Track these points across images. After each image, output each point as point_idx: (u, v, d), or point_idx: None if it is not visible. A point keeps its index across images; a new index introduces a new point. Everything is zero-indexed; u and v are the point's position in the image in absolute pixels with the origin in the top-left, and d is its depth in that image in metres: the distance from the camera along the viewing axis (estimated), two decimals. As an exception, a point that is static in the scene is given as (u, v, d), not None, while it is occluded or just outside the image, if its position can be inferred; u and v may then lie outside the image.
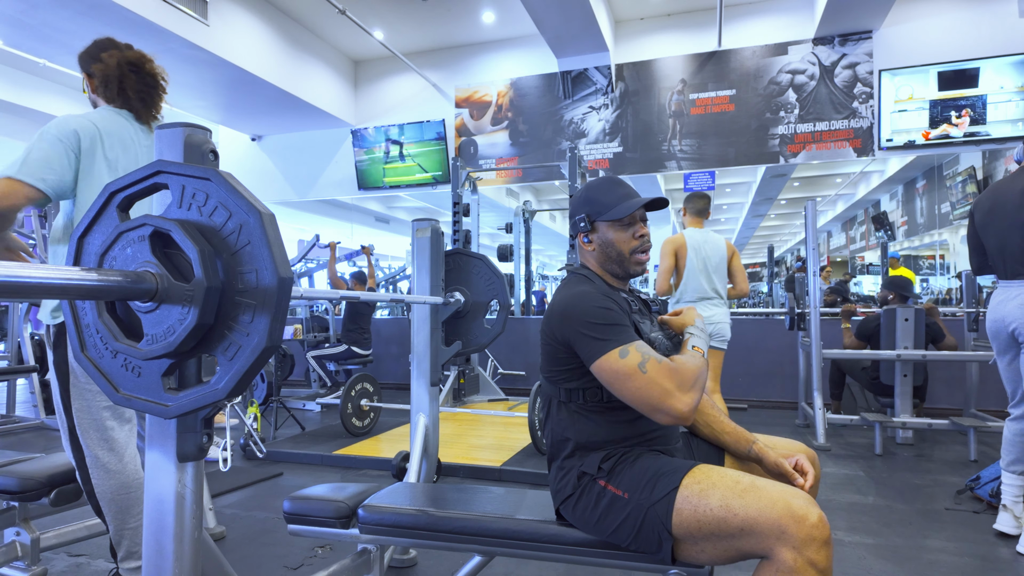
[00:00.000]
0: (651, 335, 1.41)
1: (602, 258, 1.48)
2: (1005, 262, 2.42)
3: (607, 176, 1.52)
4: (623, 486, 1.30)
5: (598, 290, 1.39)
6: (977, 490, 2.88)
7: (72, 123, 1.64)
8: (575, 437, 1.38)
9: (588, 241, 1.48)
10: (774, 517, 1.13)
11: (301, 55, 6.44)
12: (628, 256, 1.46)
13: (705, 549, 1.22)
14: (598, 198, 1.46)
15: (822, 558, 1.11)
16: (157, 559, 0.95)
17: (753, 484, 1.19)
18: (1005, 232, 2.40)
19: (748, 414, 5.15)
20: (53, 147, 1.59)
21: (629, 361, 1.26)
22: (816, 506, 1.15)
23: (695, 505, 1.20)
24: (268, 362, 1.03)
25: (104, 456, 1.63)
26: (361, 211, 10.31)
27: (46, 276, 0.73)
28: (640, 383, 1.24)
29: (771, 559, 1.14)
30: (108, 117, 1.73)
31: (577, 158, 5.14)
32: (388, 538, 1.56)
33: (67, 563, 2.23)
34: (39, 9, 4.41)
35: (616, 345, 1.27)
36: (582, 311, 1.32)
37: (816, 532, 1.11)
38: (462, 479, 3.29)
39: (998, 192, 2.48)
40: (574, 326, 1.32)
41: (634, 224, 1.46)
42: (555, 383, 1.41)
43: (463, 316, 2.50)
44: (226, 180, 0.86)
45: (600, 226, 1.46)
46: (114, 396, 0.91)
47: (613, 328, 1.29)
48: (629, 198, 1.45)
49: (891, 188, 9.10)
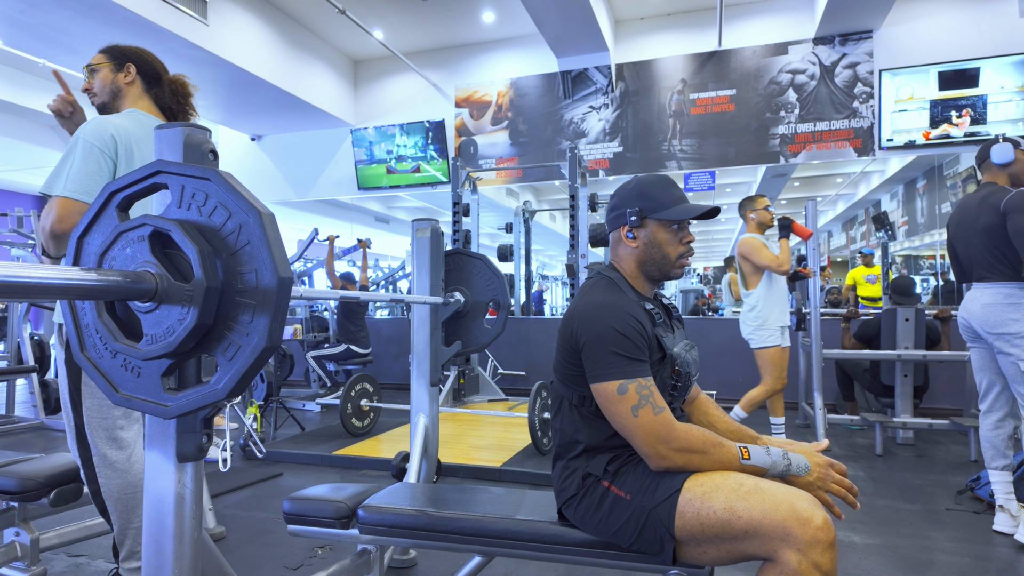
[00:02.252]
0: (673, 350, 1.38)
1: (644, 257, 1.42)
2: (972, 267, 2.57)
3: (662, 175, 1.46)
4: (626, 488, 1.30)
5: (626, 304, 1.34)
6: (977, 490, 2.88)
7: (109, 128, 1.60)
8: (586, 440, 1.36)
9: (632, 237, 1.42)
10: (778, 519, 1.12)
11: (301, 55, 6.44)
12: (673, 260, 1.42)
13: (708, 551, 1.22)
14: (654, 195, 1.40)
15: (826, 560, 1.10)
16: (157, 559, 0.95)
17: (757, 486, 1.18)
18: (968, 239, 2.56)
19: (748, 415, 5.13)
20: (94, 157, 1.56)
21: (625, 400, 1.25)
22: (821, 508, 1.15)
23: (698, 508, 1.20)
24: (268, 362, 1.03)
25: (112, 454, 1.63)
26: (361, 211, 10.31)
27: (45, 276, 0.73)
28: (626, 423, 1.25)
29: (775, 561, 1.13)
30: (140, 121, 1.71)
31: (577, 158, 5.14)
32: (388, 538, 1.56)
33: (67, 563, 2.22)
34: (39, 9, 4.41)
35: (619, 378, 1.26)
36: (601, 329, 1.29)
37: (821, 535, 1.10)
38: (462, 479, 3.29)
39: (963, 204, 2.66)
40: (589, 339, 1.30)
41: (684, 229, 1.42)
42: (568, 385, 1.38)
43: (463, 316, 2.49)
44: (226, 180, 0.85)
45: (651, 224, 1.41)
46: (113, 396, 0.91)
47: (622, 360, 1.26)
48: (684, 201, 1.42)
49: (891, 188, 9.09)
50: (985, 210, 2.48)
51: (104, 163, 1.57)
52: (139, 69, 1.78)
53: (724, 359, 5.65)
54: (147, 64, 1.80)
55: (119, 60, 1.78)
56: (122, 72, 1.77)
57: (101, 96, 1.79)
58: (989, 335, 2.48)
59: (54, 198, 1.54)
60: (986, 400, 2.62)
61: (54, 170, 1.57)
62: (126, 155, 1.62)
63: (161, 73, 1.82)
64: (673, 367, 1.37)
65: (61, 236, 1.56)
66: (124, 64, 1.78)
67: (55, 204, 1.53)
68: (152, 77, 1.80)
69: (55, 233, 1.55)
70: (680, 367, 1.38)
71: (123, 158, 1.61)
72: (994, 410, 2.59)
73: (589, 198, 5.54)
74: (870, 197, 9.85)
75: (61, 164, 1.57)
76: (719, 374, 5.64)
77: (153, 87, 1.80)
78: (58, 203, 1.53)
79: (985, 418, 2.61)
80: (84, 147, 1.56)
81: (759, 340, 3.44)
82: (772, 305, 3.42)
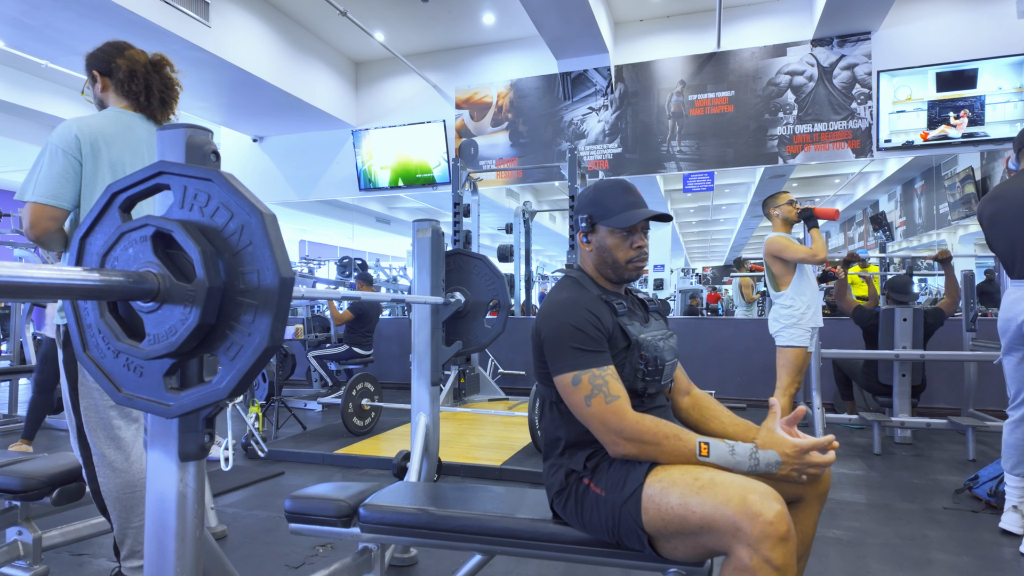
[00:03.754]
0: (640, 336, 1.40)
1: (597, 260, 1.48)
2: (1016, 261, 2.42)
3: (618, 180, 1.50)
4: (601, 484, 1.32)
5: (584, 299, 1.39)
6: (975, 489, 2.88)
7: (73, 128, 1.61)
8: (565, 436, 1.40)
9: (587, 242, 1.49)
10: (728, 514, 1.11)
11: (302, 56, 6.45)
12: (623, 264, 1.45)
13: (677, 546, 1.23)
14: (604, 201, 1.45)
15: (778, 555, 1.07)
16: (159, 558, 0.96)
17: (711, 480, 1.17)
18: (1014, 232, 2.40)
19: (747, 414, 5.15)
20: (59, 160, 1.57)
21: (578, 390, 1.29)
22: (776, 501, 1.11)
23: (658, 503, 1.21)
24: (270, 362, 1.04)
25: (111, 454, 1.64)
26: (362, 212, 10.32)
27: (48, 276, 0.74)
28: (582, 412, 1.29)
29: (729, 557, 1.13)
30: (115, 118, 1.70)
31: (577, 159, 5.15)
32: (389, 537, 1.57)
33: (69, 562, 2.23)
34: (41, 10, 4.42)
35: (572, 369, 1.30)
36: (557, 324, 1.35)
37: (771, 529, 1.07)
38: (462, 478, 3.30)
39: (1002, 195, 2.49)
40: (547, 335, 1.36)
41: (634, 234, 1.45)
42: (545, 384, 1.42)
43: (463, 316, 2.50)
44: (228, 181, 0.86)
45: (601, 229, 1.46)
46: (116, 396, 0.92)
47: (576, 352, 1.31)
48: (636, 207, 1.44)
49: (889, 189, 9.11)
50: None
51: (69, 164, 1.58)
52: (102, 72, 1.76)
53: (723, 359, 5.66)
54: (101, 62, 1.76)
55: (89, 72, 1.79)
56: (96, 83, 1.78)
57: (100, 102, 1.81)
58: None
59: (26, 204, 1.56)
60: (1022, 409, 2.47)
61: (26, 176, 1.59)
62: (92, 153, 1.62)
63: (148, 73, 1.75)
64: (640, 353, 1.39)
65: (38, 240, 1.59)
66: (92, 74, 1.78)
67: (27, 210, 1.56)
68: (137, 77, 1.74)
69: (31, 238, 1.58)
70: (646, 352, 1.39)
71: (88, 156, 1.61)
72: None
73: (589, 199, 5.53)
74: (868, 198, 9.86)
75: (32, 170, 1.59)
76: (718, 374, 5.65)
77: (123, 84, 1.75)
78: (30, 209, 1.55)
79: (1018, 427, 2.46)
80: (51, 151, 1.58)
81: (787, 338, 3.29)
82: (806, 305, 3.28)
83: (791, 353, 3.28)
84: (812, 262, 3.22)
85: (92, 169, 1.62)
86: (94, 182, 1.63)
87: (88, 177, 1.62)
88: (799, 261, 3.24)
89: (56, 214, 1.57)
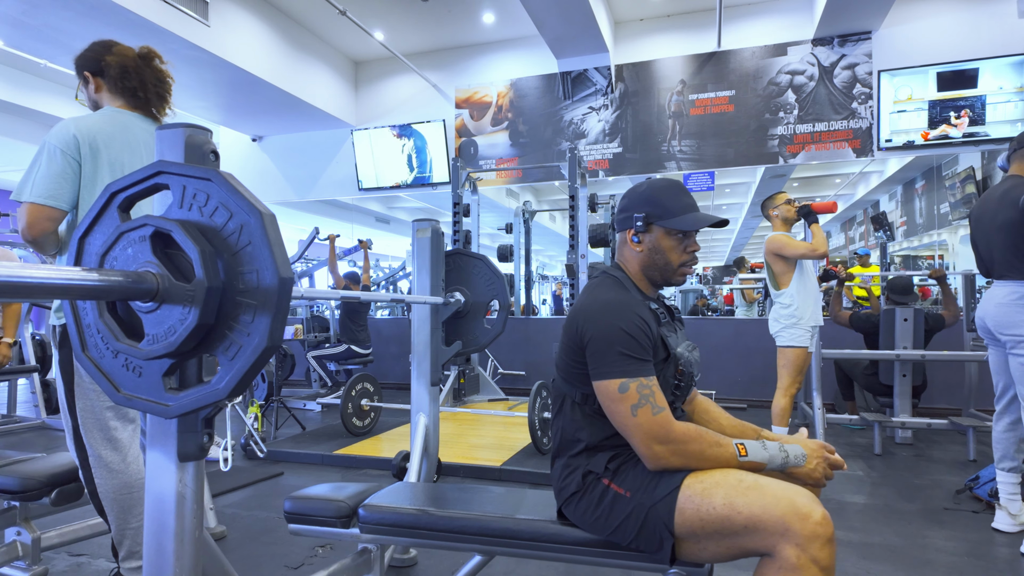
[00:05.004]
0: (677, 350, 1.39)
1: (647, 262, 1.43)
2: (993, 264, 2.51)
3: (674, 180, 1.46)
4: (626, 485, 1.30)
5: (632, 303, 1.35)
6: (976, 490, 2.88)
7: (71, 128, 1.60)
8: (587, 439, 1.36)
9: (638, 241, 1.43)
10: (778, 514, 1.13)
11: (302, 56, 6.45)
12: (675, 268, 1.42)
13: (707, 547, 1.23)
14: (663, 201, 1.40)
15: (825, 556, 1.11)
16: (158, 559, 0.95)
17: (757, 482, 1.19)
18: (989, 236, 2.49)
19: (747, 414, 5.14)
20: (57, 160, 1.56)
21: (625, 398, 1.26)
22: (820, 504, 1.15)
23: (698, 504, 1.20)
24: (269, 362, 1.04)
25: (107, 455, 1.63)
26: (362, 211, 10.31)
27: (47, 276, 0.74)
28: (625, 421, 1.26)
29: (774, 556, 1.14)
30: (112, 118, 1.68)
31: (577, 159, 5.14)
32: (388, 537, 1.57)
33: (68, 563, 2.23)
34: (40, 10, 4.42)
35: (621, 376, 1.26)
36: (606, 326, 1.30)
37: (820, 529, 1.11)
38: (462, 479, 3.29)
39: (983, 200, 2.60)
40: (594, 336, 1.30)
41: (690, 238, 1.42)
42: (571, 383, 1.38)
43: (463, 316, 2.50)
44: (227, 180, 0.86)
45: (656, 230, 1.41)
46: (115, 396, 0.91)
47: (626, 359, 1.27)
48: (693, 210, 1.41)
49: (890, 188, 9.10)
50: (1005, 205, 2.38)
51: (68, 165, 1.57)
52: (94, 72, 1.74)
53: (723, 359, 5.65)
54: (91, 62, 1.74)
55: (80, 74, 1.76)
56: (88, 84, 1.76)
57: (95, 103, 1.79)
58: (1002, 336, 2.41)
59: (23, 205, 1.54)
60: (1002, 401, 2.57)
61: (23, 176, 1.57)
62: (91, 153, 1.60)
63: (139, 67, 1.73)
64: (677, 367, 1.39)
65: (34, 242, 1.57)
66: (83, 76, 1.76)
67: (24, 211, 1.54)
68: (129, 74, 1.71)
69: (27, 239, 1.56)
70: (684, 367, 1.39)
71: (88, 156, 1.60)
72: (1009, 412, 2.54)
73: (589, 198, 5.55)
74: (869, 198, 9.85)
75: (29, 170, 1.57)
76: (718, 374, 5.65)
77: (116, 82, 1.72)
78: (27, 210, 1.53)
79: (999, 419, 2.57)
80: (48, 151, 1.56)
81: (788, 338, 3.28)
82: (806, 304, 3.26)
83: (791, 353, 3.28)
84: (813, 257, 3.21)
85: (91, 169, 1.61)
86: (93, 182, 1.61)
87: (87, 177, 1.61)
88: (800, 257, 3.23)
89: (54, 215, 1.56)
